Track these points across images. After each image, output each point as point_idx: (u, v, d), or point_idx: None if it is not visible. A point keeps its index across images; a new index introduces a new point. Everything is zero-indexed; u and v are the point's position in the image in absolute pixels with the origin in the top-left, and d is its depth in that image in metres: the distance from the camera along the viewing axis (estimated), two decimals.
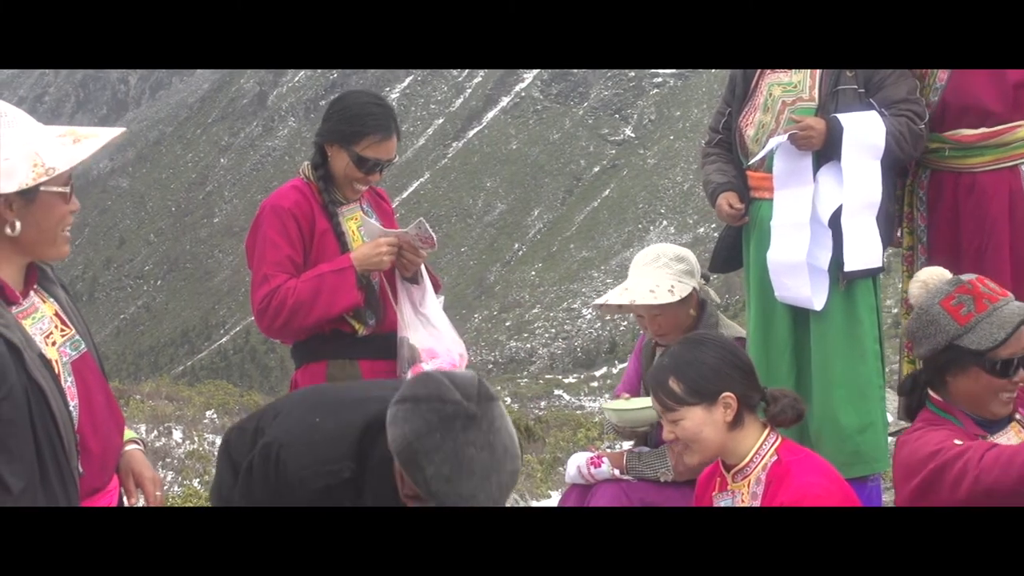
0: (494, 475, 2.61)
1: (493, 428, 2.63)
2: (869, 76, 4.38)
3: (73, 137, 2.70)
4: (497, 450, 2.62)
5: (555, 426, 16.50)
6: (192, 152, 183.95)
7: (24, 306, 2.82)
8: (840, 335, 4.42)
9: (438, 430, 2.59)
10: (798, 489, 3.08)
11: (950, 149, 4.44)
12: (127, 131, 2.95)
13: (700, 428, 3.22)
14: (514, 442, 2.69)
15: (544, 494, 9.31)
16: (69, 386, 2.85)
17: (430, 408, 2.61)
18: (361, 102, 4.22)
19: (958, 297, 3.24)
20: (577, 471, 4.32)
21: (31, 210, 2.68)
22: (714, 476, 3.41)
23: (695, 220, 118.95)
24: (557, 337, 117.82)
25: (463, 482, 2.57)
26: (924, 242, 4.61)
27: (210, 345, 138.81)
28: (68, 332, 2.92)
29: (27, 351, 2.65)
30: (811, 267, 4.37)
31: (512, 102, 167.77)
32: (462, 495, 2.58)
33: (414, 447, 2.59)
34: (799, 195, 4.39)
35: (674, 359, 3.31)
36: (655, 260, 4.39)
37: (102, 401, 2.96)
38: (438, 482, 2.57)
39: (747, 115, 4.58)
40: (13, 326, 2.67)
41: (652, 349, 4.52)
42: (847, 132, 4.27)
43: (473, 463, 2.58)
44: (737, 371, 3.27)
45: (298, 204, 4.18)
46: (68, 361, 2.88)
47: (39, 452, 2.64)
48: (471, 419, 2.61)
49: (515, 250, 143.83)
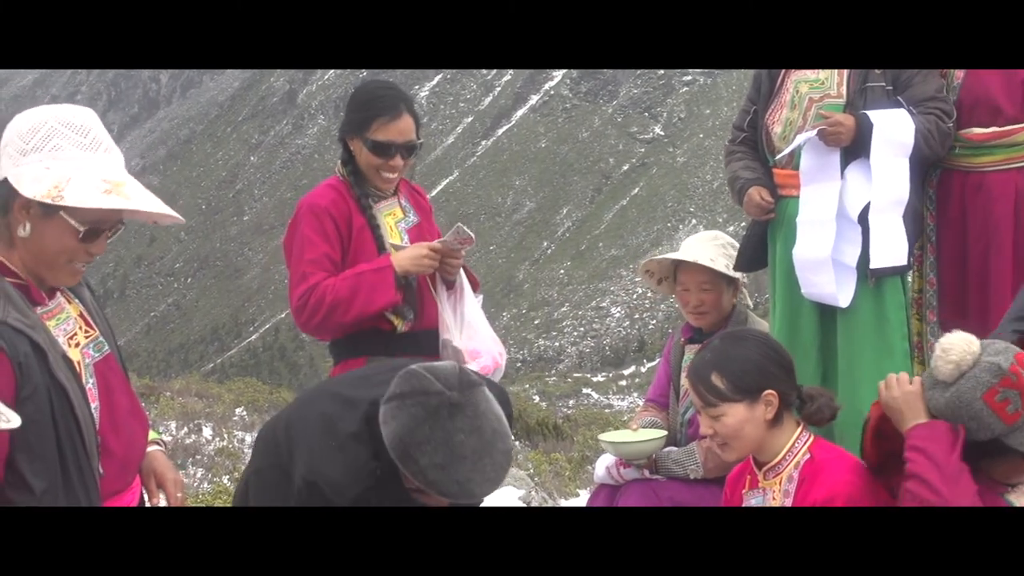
0: (486, 457, 2.73)
1: (479, 413, 2.76)
2: (897, 74, 4.38)
3: (114, 186, 2.68)
4: (485, 433, 2.75)
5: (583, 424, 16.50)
6: (222, 150, 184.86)
7: (50, 306, 2.84)
8: (868, 333, 4.41)
9: (426, 422, 2.72)
10: (831, 487, 3.06)
11: (960, 147, 4.43)
12: (182, 222, 2.90)
13: (742, 425, 3.19)
14: (502, 423, 2.82)
15: (572, 492, 9.30)
16: (91, 387, 2.87)
17: (415, 403, 2.74)
18: (368, 89, 4.25)
19: (1003, 392, 2.91)
20: (606, 471, 4.31)
21: (44, 224, 2.70)
22: (744, 474, 3.39)
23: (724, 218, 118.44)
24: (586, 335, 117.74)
25: (456, 467, 2.69)
26: (933, 241, 4.60)
27: (240, 342, 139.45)
28: (92, 333, 2.94)
29: (51, 352, 2.68)
30: (838, 263, 4.36)
31: (541, 100, 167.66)
32: (458, 480, 2.70)
33: (405, 442, 2.72)
34: (826, 191, 4.38)
35: (716, 354, 3.26)
36: (713, 239, 4.48)
37: (124, 403, 2.98)
38: (433, 471, 2.69)
39: (774, 112, 4.58)
40: (38, 327, 2.70)
41: (681, 349, 4.51)
42: (877, 129, 4.27)
43: (464, 448, 2.70)
44: (780, 368, 3.24)
45: (335, 202, 4.19)
46: (91, 363, 2.90)
47: (61, 453, 2.66)
48: (456, 407, 2.74)
49: (544, 248, 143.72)
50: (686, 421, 4.38)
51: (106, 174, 2.70)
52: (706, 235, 4.51)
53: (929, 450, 2.88)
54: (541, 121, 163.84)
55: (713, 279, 4.35)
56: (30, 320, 2.69)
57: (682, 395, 4.43)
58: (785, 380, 3.24)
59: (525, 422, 15.07)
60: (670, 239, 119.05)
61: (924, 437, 2.93)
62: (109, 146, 2.77)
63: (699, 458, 4.16)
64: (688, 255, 4.37)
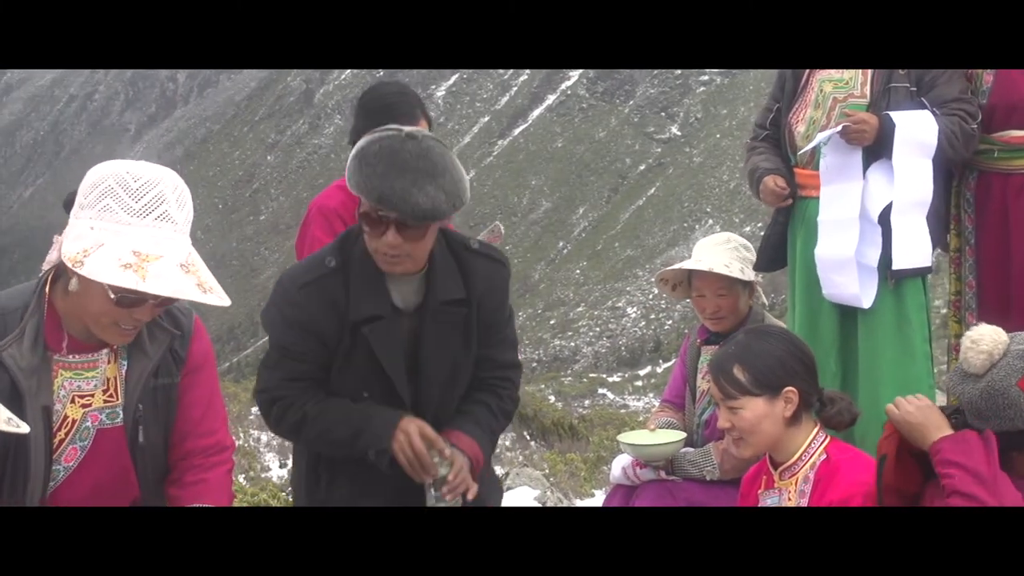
0: (431, 182, 2.91)
1: (432, 149, 2.96)
2: (921, 75, 4.36)
3: (140, 261, 2.60)
4: (437, 163, 2.94)
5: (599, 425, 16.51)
6: (239, 150, 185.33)
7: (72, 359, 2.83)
8: (889, 334, 4.38)
9: (379, 142, 2.96)
10: (848, 488, 3.05)
11: (999, 151, 4.39)
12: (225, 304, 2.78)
13: (760, 420, 3.19)
14: (458, 169, 3.01)
15: (588, 493, 9.30)
16: (75, 447, 2.85)
17: (379, 133, 3.00)
18: (382, 94, 4.21)
19: None
20: (622, 472, 4.30)
21: (86, 284, 2.67)
22: (760, 474, 3.38)
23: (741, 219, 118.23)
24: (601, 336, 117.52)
25: (396, 178, 2.89)
26: (972, 244, 4.55)
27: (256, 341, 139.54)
28: (113, 402, 2.90)
29: (29, 398, 2.70)
30: (860, 265, 4.33)
31: (558, 100, 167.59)
32: (394, 189, 2.89)
33: (357, 156, 2.97)
34: (847, 191, 4.36)
35: (740, 348, 3.27)
36: (726, 243, 4.43)
37: (109, 478, 2.93)
38: (374, 179, 2.91)
39: (797, 111, 4.56)
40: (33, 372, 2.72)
41: (697, 350, 4.50)
42: (899, 129, 4.24)
43: (407, 164, 2.90)
44: (802, 366, 3.24)
45: (344, 204, 4.17)
46: (95, 427, 2.88)
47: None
48: (412, 137, 2.97)
49: (560, 248, 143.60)
50: (703, 422, 4.37)
51: (141, 245, 2.62)
52: (719, 238, 4.48)
53: (966, 463, 2.83)
54: (558, 121, 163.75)
55: (729, 284, 4.33)
56: (27, 363, 2.70)
57: (699, 396, 4.41)
58: (807, 379, 3.23)
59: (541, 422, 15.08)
60: (686, 239, 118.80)
61: (957, 451, 2.87)
62: (166, 213, 2.68)
63: (715, 459, 4.15)
64: (703, 264, 4.33)
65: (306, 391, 3.24)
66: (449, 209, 2.97)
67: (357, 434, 3.16)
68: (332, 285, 3.15)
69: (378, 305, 3.16)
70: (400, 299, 3.22)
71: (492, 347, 3.40)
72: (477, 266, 3.30)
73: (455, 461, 3.17)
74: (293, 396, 3.23)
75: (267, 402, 3.29)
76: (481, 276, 3.30)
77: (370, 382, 3.21)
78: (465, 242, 3.33)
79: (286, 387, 3.24)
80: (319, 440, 3.25)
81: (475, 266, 3.29)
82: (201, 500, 3.01)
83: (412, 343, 3.24)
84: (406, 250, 3.04)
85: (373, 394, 3.22)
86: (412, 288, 3.23)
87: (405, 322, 3.23)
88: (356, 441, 3.16)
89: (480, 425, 3.34)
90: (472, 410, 3.37)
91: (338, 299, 3.14)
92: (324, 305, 3.14)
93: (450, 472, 3.15)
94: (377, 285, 3.16)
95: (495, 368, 3.44)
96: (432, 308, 3.21)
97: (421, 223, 2.98)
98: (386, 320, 3.17)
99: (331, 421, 3.19)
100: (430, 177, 2.92)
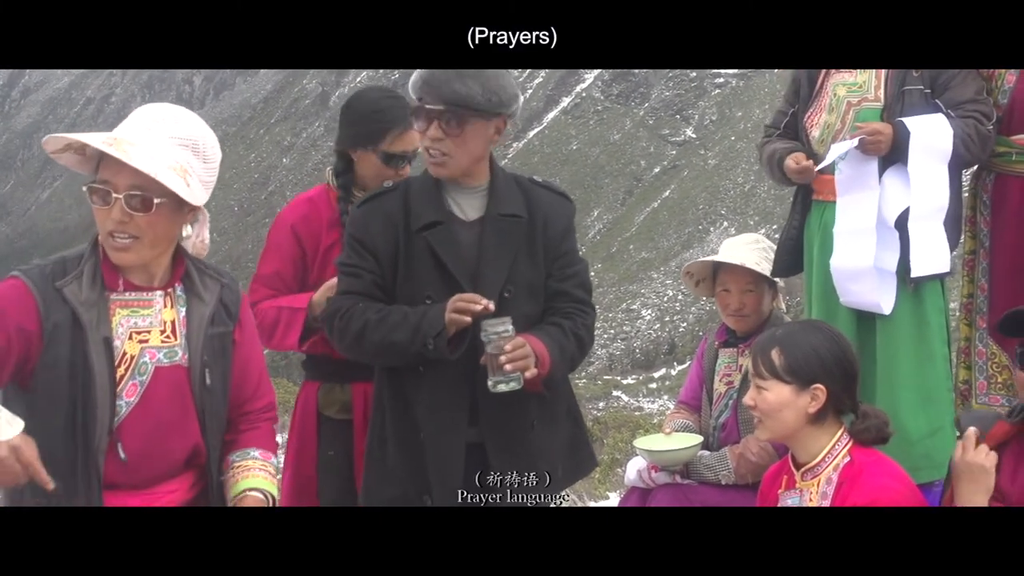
0: (472, 77, 3.22)
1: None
2: (935, 77, 4.31)
3: (117, 140, 2.84)
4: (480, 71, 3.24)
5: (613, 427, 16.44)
6: (255, 152, 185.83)
7: (128, 296, 2.97)
8: (907, 337, 4.35)
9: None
10: (871, 491, 3.05)
11: (1017, 153, 4.35)
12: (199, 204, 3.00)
13: (781, 407, 3.20)
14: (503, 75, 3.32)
15: (602, 495, 9.28)
16: (136, 383, 2.93)
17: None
18: (373, 99, 4.06)
19: None
20: (637, 475, 4.30)
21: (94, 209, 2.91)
22: (781, 474, 3.37)
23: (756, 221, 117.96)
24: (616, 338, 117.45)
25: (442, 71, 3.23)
26: (987, 247, 4.53)
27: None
28: (171, 342, 3.00)
29: (91, 331, 2.85)
30: (878, 270, 4.30)
31: (573, 102, 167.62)
32: (435, 75, 3.24)
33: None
34: (864, 200, 4.31)
35: (787, 333, 3.30)
36: (755, 243, 4.48)
37: (169, 416, 3.01)
38: (425, 73, 3.29)
39: (812, 116, 4.52)
40: (94, 306, 2.87)
41: (715, 352, 4.48)
42: (914, 136, 4.20)
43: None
44: (840, 369, 3.23)
45: (305, 218, 4.03)
46: (154, 364, 2.97)
47: (67, 425, 2.83)
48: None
49: None
50: (719, 425, 4.36)
51: (121, 133, 2.86)
52: (748, 238, 4.49)
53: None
54: (572, 123, 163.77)
55: (756, 281, 4.33)
56: (86, 297, 2.86)
57: (715, 399, 4.40)
58: (842, 382, 3.23)
59: None
60: (701, 242, 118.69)
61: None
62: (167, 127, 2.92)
63: (731, 464, 4.14)
64: (733, 257, 4.35)
65: (365, 303, 3.37)
66: (485, 102, 3.22)
67: (416, 328, 3.25)
68: (389, 201, 3.41)
69: (438, 212, 3.35)
70: (461, 212, 3.40)
71: (565, 280, 3.49)
72: (540, 194, 3.49)
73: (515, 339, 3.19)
74: (352, 307, 3.36)
75: (329, 315, 3.44)
76: (544, 202, 3.48)
77: (436, 287, 3.32)
78: (530, 176, 3.58)
79: (345, 300, 3.39)
80: (382, 345, 3.32)
81: (538, 194, 3.49)
82: (253, 445, 3.21)
83: (475, 250, 3.36)
84: (448, 147, 3.27)
85: (437, 299, 3.31)
86: (474, 203, 3.41)
87: (467, 231, 3.38)
88: (416, 336, 3.25)
89: (549, 336, 3.36)
90: (542, 327, 3.41)
91: (394, 212, 3.38)
92: (380, 219, 3.38)
93: (509, 341, 3.16)
94: (437, 196, 3.38)
95: (570, 301, 3.50)
96: (492, 217, 3.37)
97: (457, 108, 3.22)
98: (446, 224, 3.35)
99: (392, 323, 3.29)
100: (472, 75, 3.22)
